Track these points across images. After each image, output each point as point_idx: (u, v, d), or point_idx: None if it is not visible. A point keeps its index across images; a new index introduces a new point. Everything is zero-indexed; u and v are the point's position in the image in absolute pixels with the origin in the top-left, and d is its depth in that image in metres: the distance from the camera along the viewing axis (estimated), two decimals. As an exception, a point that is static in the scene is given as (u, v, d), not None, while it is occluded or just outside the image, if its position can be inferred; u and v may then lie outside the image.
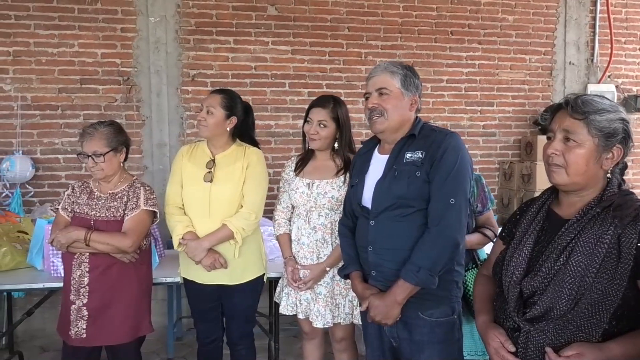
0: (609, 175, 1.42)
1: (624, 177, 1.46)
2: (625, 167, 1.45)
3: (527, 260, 1.44)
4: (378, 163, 1.99)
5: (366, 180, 2.00)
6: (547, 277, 1.37)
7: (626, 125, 1.38)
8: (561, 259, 1.35)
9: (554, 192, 1.52)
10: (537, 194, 1.69)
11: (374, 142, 2.10)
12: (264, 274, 2.66)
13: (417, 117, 2.01)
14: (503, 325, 1.48)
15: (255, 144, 2.70)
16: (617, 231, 1.31)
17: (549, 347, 1.36)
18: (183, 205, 2.57)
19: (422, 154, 1.87)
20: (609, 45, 4.97)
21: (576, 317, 1.33)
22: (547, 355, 1.35)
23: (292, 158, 2.66)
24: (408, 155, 1.89)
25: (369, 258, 1.94)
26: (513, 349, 1.42)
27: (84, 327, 2.34)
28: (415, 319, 1.89)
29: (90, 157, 2.34)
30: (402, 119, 1.95)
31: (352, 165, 2.18)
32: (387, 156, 1.96)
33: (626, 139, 1.38)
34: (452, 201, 1.82)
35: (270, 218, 2.87)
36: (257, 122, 4.32)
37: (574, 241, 1.35)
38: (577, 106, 1.37)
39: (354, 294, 2.39)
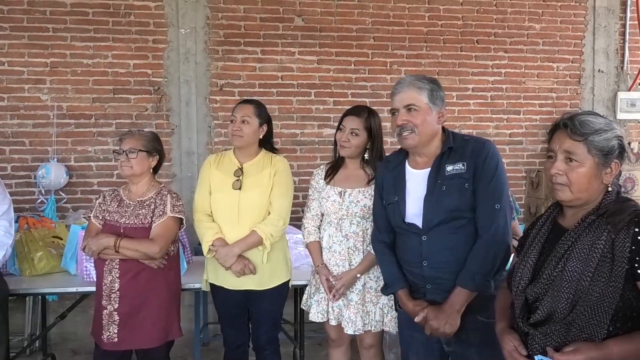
0: (610, 188, 1.50)
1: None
2: (620, 174, 1.54)
3: (532, 269, 1.53)
4: (416, 178, 2.01)
5: (407, 197, 2.02)
6: (547, 284, 1.46)
7: (621, 141, 1.48)
8: (559, 266, 1.45)
9: (558, 205, 1.61)
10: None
11: (401, 157, 2.10)
12: (289, 280, 2.70)
13: (443, 128, 2.04)
14: (517, 331, 1.57)
15: (274, 151, 2.75)
16: (611, 236, 1.39)
17: (552, 347, 1.43)
18: (211, 212, 2.63)
19: (463, 165, 1.92)
20: (640, 53, 4.90)
21: (577, 319, 1.41)
22: (548, 354, 1.43)
23: (321, 166, 2.68)
24: (449, 168, 1.94)
25: (423, 273, 1.97)
26: (525, 353, 1.50)
27: (116, 331, 2.41)
28: (469, 322, 1.93)
29: (124, 153, 2.43)
30: (432, 132, 1.98)
31: (381, 180, 2.16)
32: (423, 171, 1.99)
33: (622, 153, 1.49)
34: (497, 206, 1.90)
35: (295, 226, 2.89)
36: (283, 130, 4.48)
37: (570, 249, 1.45)
38: (575, 128, 1.46)
39: (385, 302, 2.43)
